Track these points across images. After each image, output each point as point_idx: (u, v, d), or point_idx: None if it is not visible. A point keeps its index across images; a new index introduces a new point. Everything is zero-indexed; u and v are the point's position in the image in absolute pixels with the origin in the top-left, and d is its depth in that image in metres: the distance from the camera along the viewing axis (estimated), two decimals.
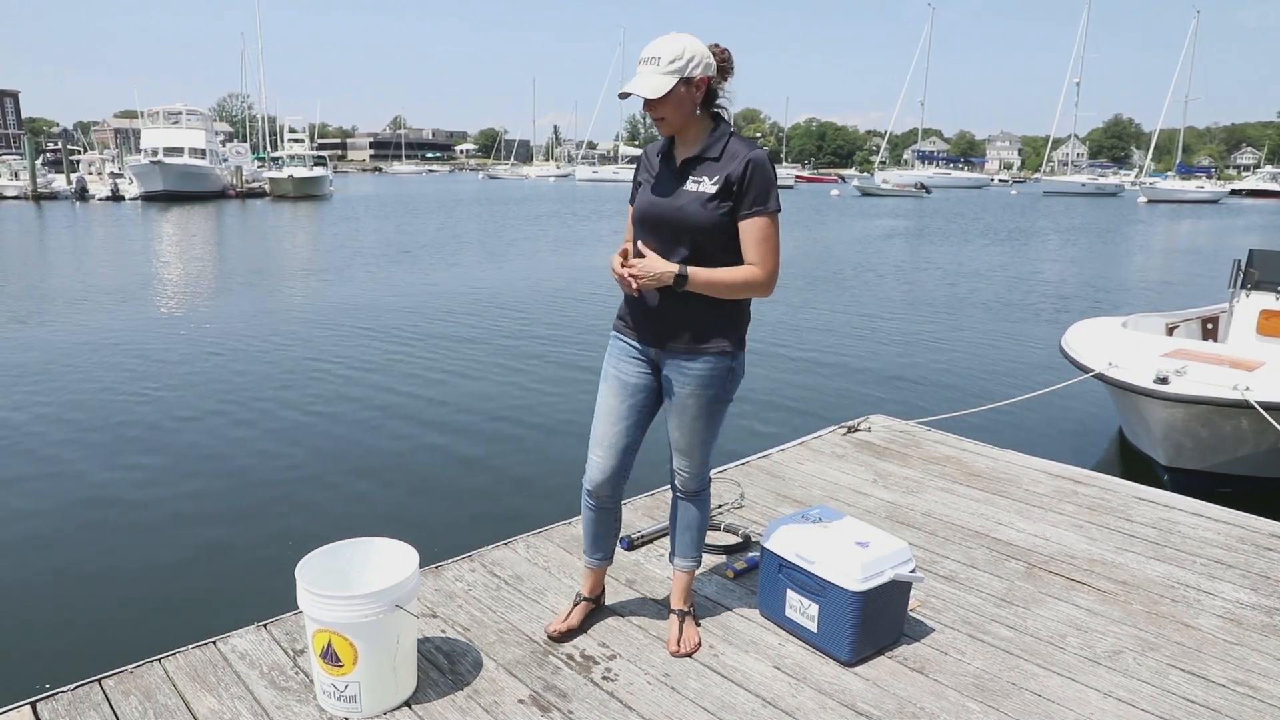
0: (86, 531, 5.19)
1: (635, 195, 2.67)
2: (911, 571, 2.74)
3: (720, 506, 3.89)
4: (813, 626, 2.75)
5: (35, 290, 14.64)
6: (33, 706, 2.42)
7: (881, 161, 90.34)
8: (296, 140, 59.31)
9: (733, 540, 3.54)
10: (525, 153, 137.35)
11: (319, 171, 50.81)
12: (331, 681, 2.39)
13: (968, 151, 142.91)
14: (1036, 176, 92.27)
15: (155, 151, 44.52)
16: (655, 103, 2.43)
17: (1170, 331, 7.65)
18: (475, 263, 19.86)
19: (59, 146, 64.52)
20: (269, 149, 62.60)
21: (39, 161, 50.01)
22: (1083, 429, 7.56)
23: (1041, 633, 2.89)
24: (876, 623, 2.70)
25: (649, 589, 3.16)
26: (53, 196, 45.58)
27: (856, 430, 5.02)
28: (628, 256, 2.52)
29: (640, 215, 2.59)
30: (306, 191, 48.48)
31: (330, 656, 2.37)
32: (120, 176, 48.04)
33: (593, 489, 2.76)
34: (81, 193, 44.71)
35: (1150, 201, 62.68)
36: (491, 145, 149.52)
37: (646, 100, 2.43)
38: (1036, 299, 15.22)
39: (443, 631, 2.87)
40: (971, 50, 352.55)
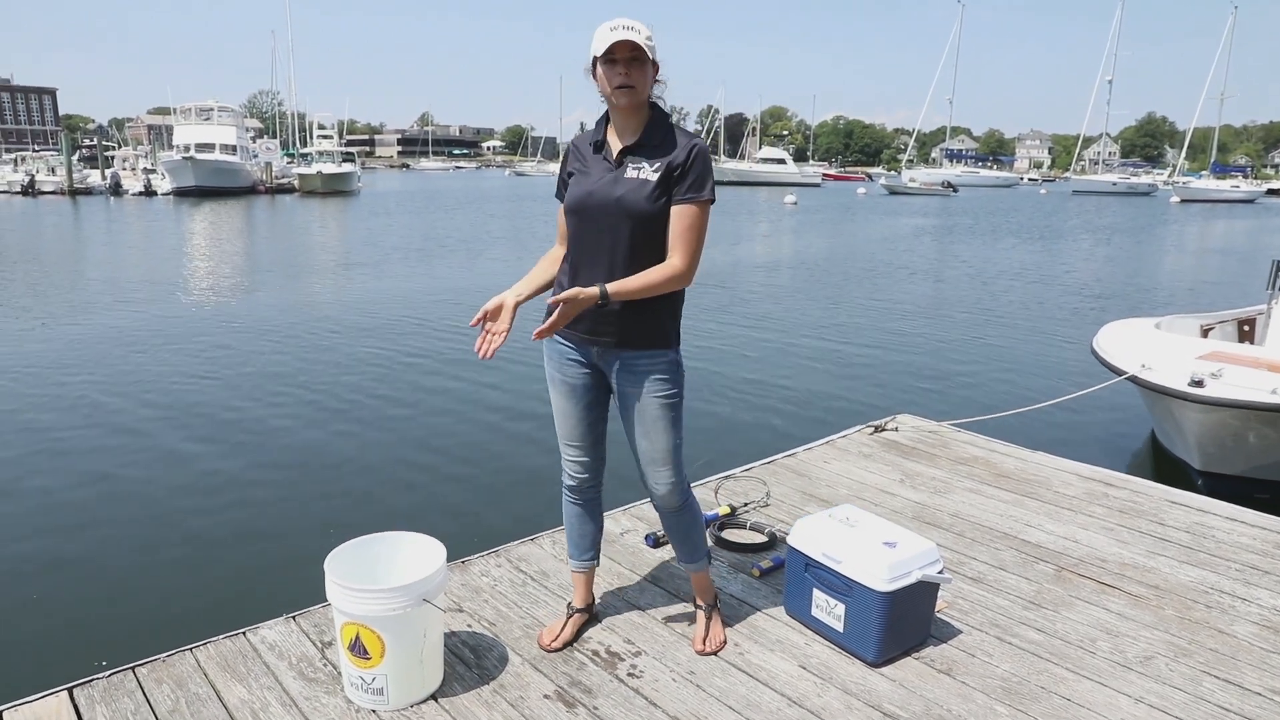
0: (121, 523, 5.27)
1: (564, 188, 2.58)
2: (939, 573, 2.72)
3: (746, 505, 3.89)
4: (839, 626, 2.74)
5: (78, 283, 14.87)
6: (70, 692, 2.47)
7: (909, 160, 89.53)
8: (325, 137, 59.77)
9: (759, 539, 3.53)
10: (552, 150, 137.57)
11: (347, 168, 51.20)
12: (359, 674, 2.42)
13: (997, 150, 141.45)
14: (1066, 176, 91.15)
15: (187, 148, 45.07)
16: (636, 65, 2.34)
17: (1205, 333, 7.52)
18: (506, 258, 19.95)
19: (94, 143, 65.56)
20: (298, 145, 63.16)
21: (75, 157, 50.83)
22: (1114, 432, 7.47)
23: (1071, 636, 2.86)
24: (903, 623, 2.69)
25: (674, 586, 3.16)
26: (88, 192, 46.33)
27: (883, 430, 4.98)
28: (487, 316, 2.39)
29: (576, 206, 2.48)
30: (335, 187, 48.89)
31: (358, 649, 2.39)
32: (153, 172, 48.71)
33: (575, 484, 2.76)
34: (116, 188, 45.38)
35: (1183, 201, 61.68)
36: (518, 142, 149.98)
37: (626, 61, 2.32)
38: (1066, 299, 15.03)
39: (469, 626, 2.88)
40: (1001, 47, 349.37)
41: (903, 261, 20.53)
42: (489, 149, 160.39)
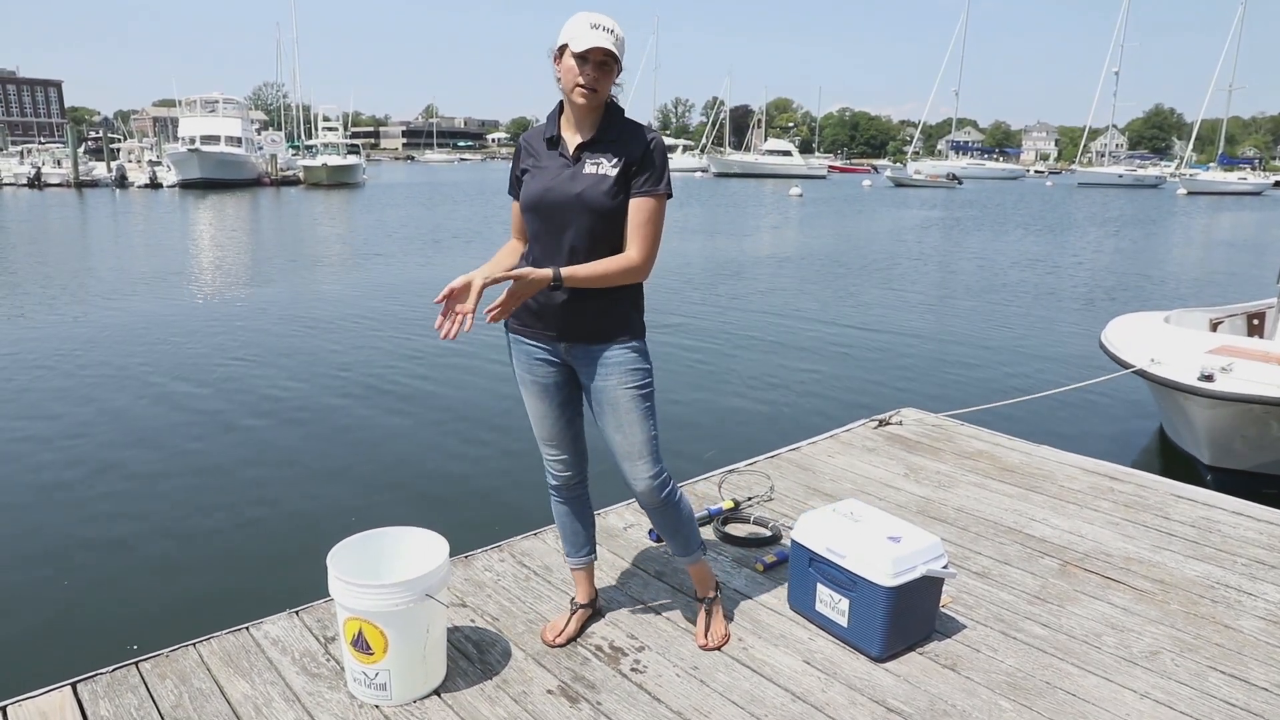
0: (123, 518, 5.28)
1: (518, 185, 2.56)
2: (944, 567, 2.71)
3: (750, 499, 3.88)
4: (843, 621, 2.73)
5: (82, 275, 14.90)
6: (73, 687, 2.47)
7: (915, 152, 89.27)
8: (330, 129, 59.80)
9: (762, 533, 3.52)
10: None
11: (352, 160, 51.29)
12: (362, 669, 2.41)
13: (1003, 142, 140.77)
14: (1073, 168, 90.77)
15: (192, 140, 45.16)
16: (604, 69, 2.34)
17: (1214, 327, 7.47)
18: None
19: (100, 135, 65.76)
20: (303, 137, 63.23)
21: (81, 150, 50.93)
22: (1121, 426, 7.44)
23: (1076, 631, 2.84)
24: (908, 618, 2.68)
25: (677, 580, 3.15)
26: (93, 184, 46.44)
27: (888, 423, 4.97)
28: (453, 294, 2.27)
29: (534, 203, 2.45)
30: (340, 180, 48.93)
31: (361, 644, 2.39)
32: (158, 164, 48.80)
33: (559, 483, 2.76)
34: (121, 180, 45.51)
35: (1190, 193, 61.39)
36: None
37: (597, 64, 2.32)
38: (1072, 291, 14.98)
39: (472, 621, 2.88)
40: (1008, 39, 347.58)
41: (908, 253, 20.47)
42: (494, 141, 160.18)
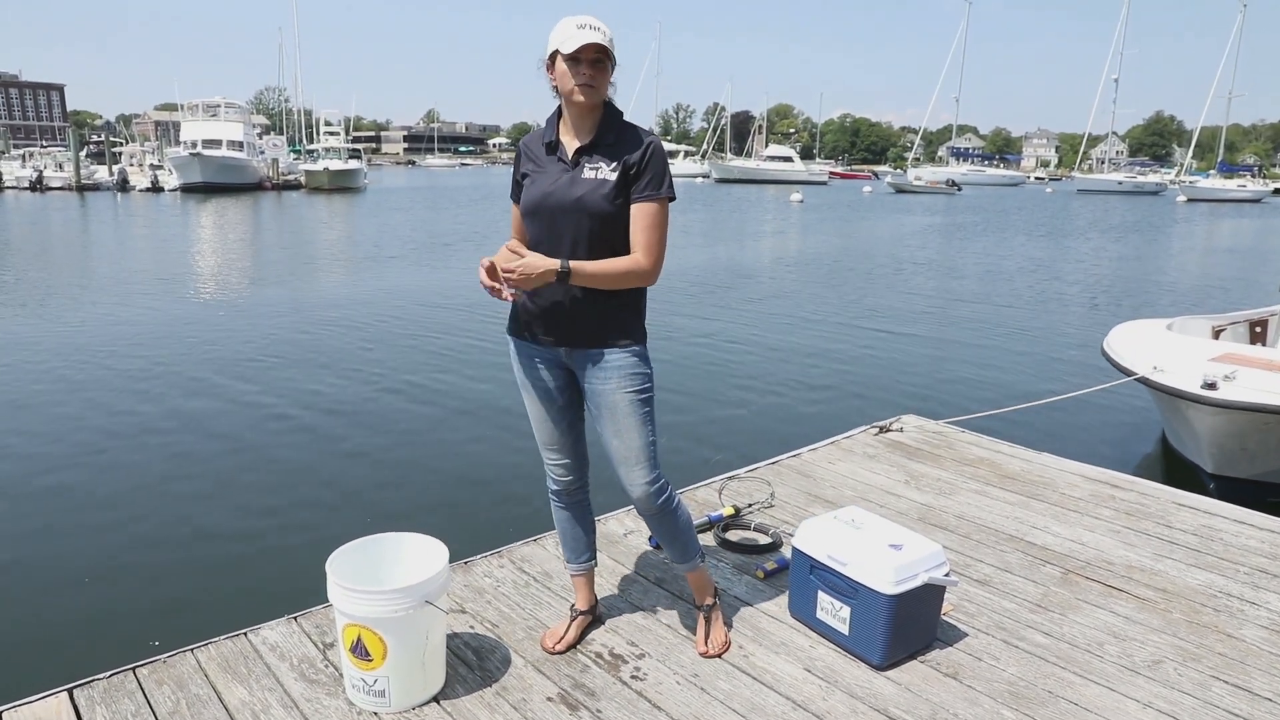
0: (121, 522, 5.26)
1: (519, 189, 2.55)
2: (945, 575, 2.70)
3: (750, 506, 3.87)
4: (844, 629, 2.72)
5: (83, 279, 14.90)
6: (70, 693, 2.46)
7: (915, 158, 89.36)
8: (332, 133, 59.92)
9: (763, 540, 3.51)
10: None
11: (354, 164, 51.28)
12: (361, 676, 2.40)
13: (1004, 149, 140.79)
14: (1072, 174, 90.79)
15: (194, 144, 45.17)
16: (599, 66, 2.33)
17: (1217, 335, 7.46)
18: None
19: (102, 139, 65.86)
20: (304, 142, 63.28)
21: (82, 153, 50.99)
22: (1123, 433, 7.42)
23: (1078, 640, 2.83)
24: (909, 626, 2.67)
25: (677, 587, 3.14)
26: (95, 187, 46.49)
27: (888, 430, 4.96)
28: (495, 266, 2.34)
29: (534, 208, 2.45)
30: (341, 184, 48.95)
31: (360, 651, 2.37)
32: (160, 168, 48.88)
33: (560, 488, 2.76)
34: (123, 184, 45.53)
35: (1190, 200, 61.38)
36: None
37: (590, 62, 2.31)
38: (1073, 298, 14.97)
39: (471, 628, 2.87)
40: (1009, 45, 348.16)
41: (909, 259, 20.47)
42: (495, 146, 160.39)
